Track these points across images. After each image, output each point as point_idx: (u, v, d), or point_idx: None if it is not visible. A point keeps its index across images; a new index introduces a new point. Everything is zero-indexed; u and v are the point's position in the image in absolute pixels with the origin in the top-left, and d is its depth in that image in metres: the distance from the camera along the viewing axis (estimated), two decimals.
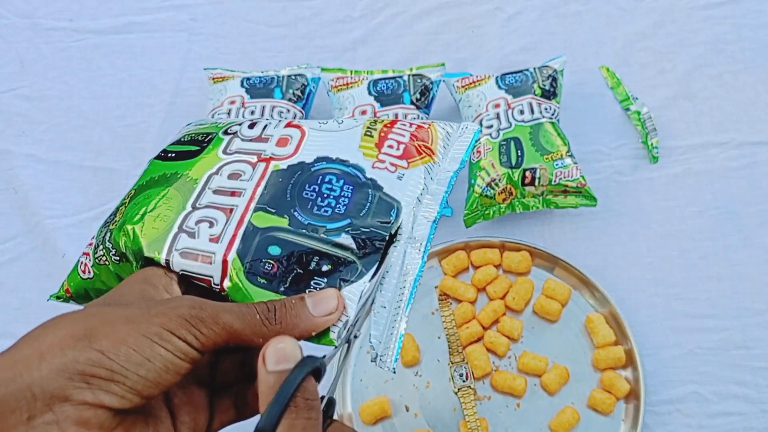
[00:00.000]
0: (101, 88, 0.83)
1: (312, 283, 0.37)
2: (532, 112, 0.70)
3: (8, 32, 0.86)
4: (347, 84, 0.74)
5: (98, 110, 0.81)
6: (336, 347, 0.36)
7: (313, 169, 0.41)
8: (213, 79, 0.75)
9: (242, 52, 0.85)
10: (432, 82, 0.74)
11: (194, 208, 0.41)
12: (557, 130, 0.70)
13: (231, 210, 0.40)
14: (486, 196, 0.68)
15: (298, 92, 0.73)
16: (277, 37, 0.86)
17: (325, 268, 0.38)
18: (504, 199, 0.69)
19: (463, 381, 0.64)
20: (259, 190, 0.41)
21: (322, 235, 0.38)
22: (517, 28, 0.84)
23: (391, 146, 0.42)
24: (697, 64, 0.80)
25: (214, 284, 0.38)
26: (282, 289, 0.37)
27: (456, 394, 0.63)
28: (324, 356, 0.34)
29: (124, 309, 0.32)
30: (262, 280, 0.38)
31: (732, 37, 0.82)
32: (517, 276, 0.69)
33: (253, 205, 0.40)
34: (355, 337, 0.38)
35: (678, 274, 0.69)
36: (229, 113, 0.71)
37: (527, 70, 0.74)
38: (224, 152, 0.44)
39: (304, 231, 0.39)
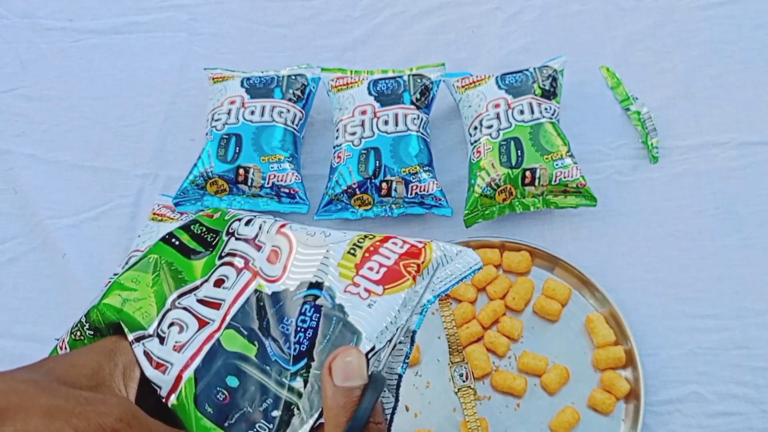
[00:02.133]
0: (101, 88, 0.83)
1: (257, 426, 0.36)
2: (532, 112, 0.70)
3: (8, 32, 0.86)
4: (347, 84, 0.74)
5: (98, 110, 0.81)
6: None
7: (294, 298, 0.39)
8: (213, 79, 0.75)
9: (242, 52, 0.85)
10: (432, 82, 0.74)
11: (173, 306, 0.40)
12: (557, 130, 0.70)
13: (206, 323, 0.39)
14: (486, 196, 0.68)
15: (298, 92, 0.73)
16: (277, 37, 0.86)
17: (273, 413, 0.36)
18: (504, 199, 0.69)
19: (463, 381, 0.64)
20: (238, 303, 0.39)
21: (284, 379, 0.36)
22: (517, 28, 0.84)
23: (371, 268, 0.39)
24: (697, 64, 0.80)
25: (161, 395, 0.37)
26: (226, 425, 0.36)
27: (456, 394, 0.63)
28: (382, 370, 0.33)
29: (51, 395, 0.31)
30: (210, 410, 0.36)
31: (732, 37, 0.82)
32: (517, 276, 0.69)
33: (227, 320, 0.39)
34: None
35: (678, 274, 0.69)
36: (229, 113, 0.71)
37: (527, 70, 0.74)
38: (219, 257, 0.42)
39: (267, 368, 0.37)
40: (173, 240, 0.44)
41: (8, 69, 0.84)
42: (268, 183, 0.69)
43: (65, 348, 0.43)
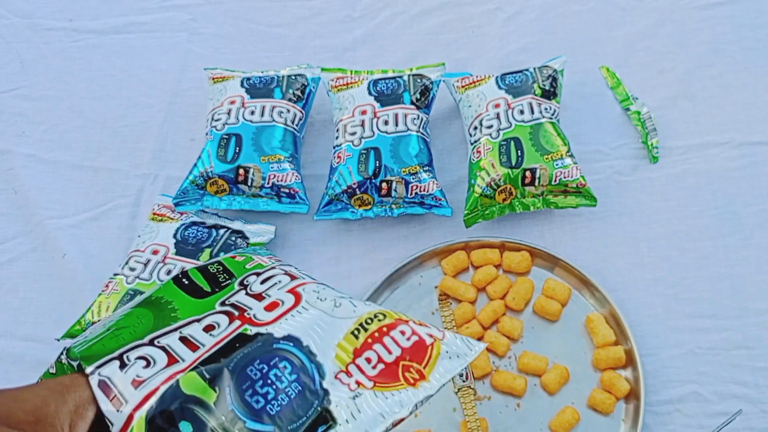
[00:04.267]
0: (101, 88, 0.83)
1: None
2: (532, 112, 0.70)
3: (8, 32, 0.87)
4: (347, 84, 0.74)
5: (98, 110, 0.81)
6: None
7: (275, 346, 0.37)
8: (213, 79, 0.75)
9: (242, 52, 0.85)
10: (432, 82, 0.74)
11: (150, 343, 0.39)
12: (557, 130, 0.70)
13: (175, 361, 0.37)
14: (486, 196, 0.68)
15: (298, 92, 0.73)
16: (277, 37, 0.86)
17: None
18: (504, 199, 0.69)
19: (463, 381, 0.64)
20: (215, 348, 0.37)
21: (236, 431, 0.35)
22: (517, 28, 0.84)
23: (368, 359, 0.37)
24: (697, 64, 0.80)
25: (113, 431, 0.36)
26: None
27: (456, 394, 0.63)
28: None
29: None
30: None
31: (732, 37, 0.82)
32: (517, 276, 0.69)
33: (196, 363, 0.37)
34: None
35: (678, 274, 0.69)
36: (229, 113, 0.71)
37: (527, 70, 0.74)
38: (221, 304, 0.41)
39: (223, 418, 0.35)
40: (184, 280, 0.43)
41: (8, 69, 0.84)
42: (268, 183, 0.69)
43: (52, 368, 0.42)
